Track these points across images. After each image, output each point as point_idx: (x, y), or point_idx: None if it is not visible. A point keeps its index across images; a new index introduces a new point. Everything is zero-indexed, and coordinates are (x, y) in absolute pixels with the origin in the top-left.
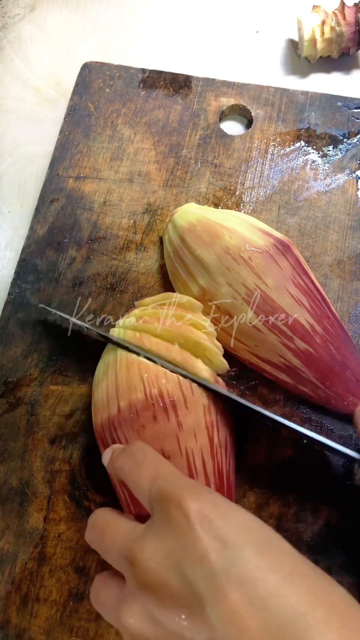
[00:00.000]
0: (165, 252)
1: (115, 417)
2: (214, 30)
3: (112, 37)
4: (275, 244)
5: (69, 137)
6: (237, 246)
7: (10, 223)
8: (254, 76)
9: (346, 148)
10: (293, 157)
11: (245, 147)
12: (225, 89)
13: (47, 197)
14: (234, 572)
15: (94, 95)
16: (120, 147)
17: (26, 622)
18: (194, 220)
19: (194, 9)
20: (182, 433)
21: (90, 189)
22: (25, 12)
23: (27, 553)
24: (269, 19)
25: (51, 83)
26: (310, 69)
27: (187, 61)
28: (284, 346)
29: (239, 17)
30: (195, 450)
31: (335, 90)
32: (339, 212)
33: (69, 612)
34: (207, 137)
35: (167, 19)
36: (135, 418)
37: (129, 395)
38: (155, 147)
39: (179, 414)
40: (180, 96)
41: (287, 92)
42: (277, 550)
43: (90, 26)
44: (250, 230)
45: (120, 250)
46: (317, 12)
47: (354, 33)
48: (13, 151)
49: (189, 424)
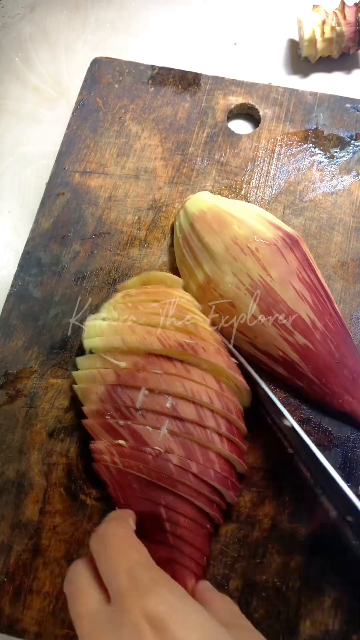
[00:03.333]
0: (174, 238)
1: (115, 383)
2: (214, 31)
3: (112, 37)
4: (283, 237)
5: (77, 131)
6: (245, 237)
7: (11, 223)
8: (254, 77)
9: (353, 150)
10: (300, 157)
11: (252, 147)
12: (234, 87)
13: (53, 190)
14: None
15: (103, 90)
16: (127, 143)
17: (18, 612)
18: (205, 208)
19: (193, 9)
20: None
21: (96, 184)
22: (25, 12)
23: (21, 544)
24: (269, 19)
25: (51, 83)
26: (311, 69)
27: (187, 61)
28: (284, 340)
29: (239, 17)
30: (201, 391)
31: (336, 90)
32: (344, 214)
33: (61, 604)
34: (215, 135)
35: (167, 19)
36: (137, 374)
37: (131, 356)
38: (162, 143)
39: (185, 361)
40: (189, 94)
41: (296, 93)
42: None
43: (90, 26)
44: (261, 222)
45: (124, 246)
46: (317, 12)
47: (354, 33)
48: (13, 151)
49: (196, 370)
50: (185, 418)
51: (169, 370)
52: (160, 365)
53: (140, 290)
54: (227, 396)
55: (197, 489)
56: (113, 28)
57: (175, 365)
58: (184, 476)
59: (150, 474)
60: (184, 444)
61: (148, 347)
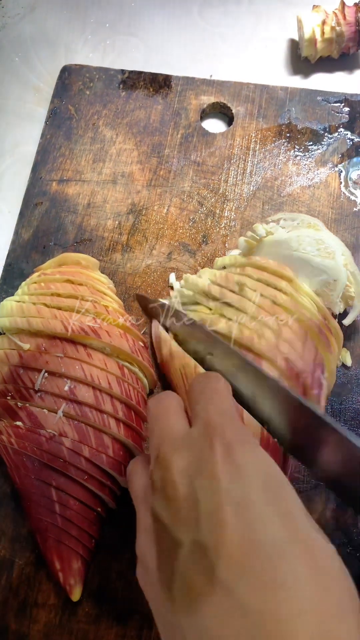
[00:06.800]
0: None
1: (18, 364)
2: (214, 31)
3: (112, 37)
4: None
5: (51, 140)
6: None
7: (11, 223)
8: (254, 77)
9: (327, 142)
10: (275, 152)
11: (227, 145)
12: (205, 87)
13: (31, 201)
14: (235, 494)
15: (74, 97)
16: (102, 149)
17: (25, 627)
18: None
19: (193, 10)
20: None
21: (74, 192)
22: (25, 12)
23: (23, 558)
24: (269, 19)
25: (51, 83)
26: (311, 69)
27: (187, 62)
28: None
29: (239, 17)
30: (101, 376)
31: (336, 90)
32: (322, 206)
33: (67, 615)
34: (189, 136)
35: (167, 19)
36: (39, 356)
37: (35, 338)
38: (138, 147)
39: (88, 345)
40: (161, 96)
41: (267, 89)
42: (282, 492)
43: (90, 26)
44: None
45: (107, 251)
46: (317, 12)
47: (354, 33)
48: (13, 151)
49: (98, 355)
50: (82, 402)
51: (70, 354)
52: (62, 349)
53: (55, 270)
54: (128, 382)
55: (89, 473)
56: (113, 28)
57: (77, 350)
58: (75, 459)
59: (42, 456)
60: (79, 427)
61: (52, 330)
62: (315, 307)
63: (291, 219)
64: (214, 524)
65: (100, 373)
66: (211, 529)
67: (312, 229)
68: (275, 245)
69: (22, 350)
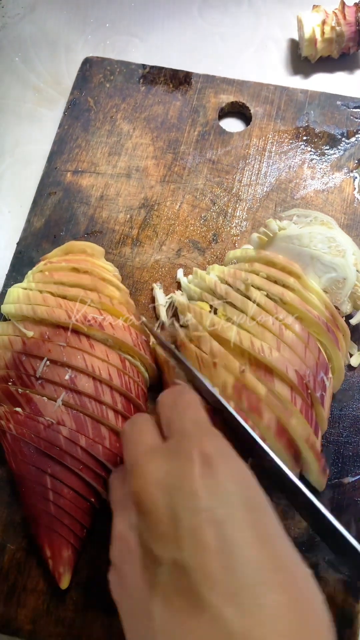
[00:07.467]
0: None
1: (22, 351)
2: (214, 31)
3: (112, 37)
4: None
5: (68, 131)
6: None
7: (11, 223)
8: (254, 76)
9: (344, 147)
10: (291, 155)
11: (243, 145)
12: (225, 86)
13: (45, 190)
14: (216, 513)
15: (94, 89)
16: (118, 142)
17: (12, 611)
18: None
19: (193, 10)
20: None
21: (88, 183)
22: (25, 12)
23: (15, 543)
24: (269, 19)
25: (51, 83)
26: (311, 69)
27: (187, 62)
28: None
29: (239, 17)
30: (102, 367)
31: (337, 90)
32: (335, 211)
33: (55, 602)
34: (206, 134)
35: (167, 19)
36: (42, 344)
37: (39, 326)
38: (154, 142)
39: (91, 336)
40: (180, 92)
41: (287, 91)
42: (262, 514)
43: (90, 26)
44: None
45: (117, 244)
46: (317, 12)
47: (354, 33)
48: (13, 151)
49: (100, 346)
50: (82, 391)
51: (73, 344)
52: (65, 338)
53: (60, 258)
54: (129, 375)
55: (84, 463)
56: (113, 28)
57: (80, 340)
58: (72, 448)
59: (39, 443)
60: (77, 417)
61: (56, 319)
62: (323, 305)
63: (305, 215)
64: (195, 546)
65: (102, 364)
66: (192, 551)
67: (324, 227)
68: (286, 239)
69: (25, 338)
